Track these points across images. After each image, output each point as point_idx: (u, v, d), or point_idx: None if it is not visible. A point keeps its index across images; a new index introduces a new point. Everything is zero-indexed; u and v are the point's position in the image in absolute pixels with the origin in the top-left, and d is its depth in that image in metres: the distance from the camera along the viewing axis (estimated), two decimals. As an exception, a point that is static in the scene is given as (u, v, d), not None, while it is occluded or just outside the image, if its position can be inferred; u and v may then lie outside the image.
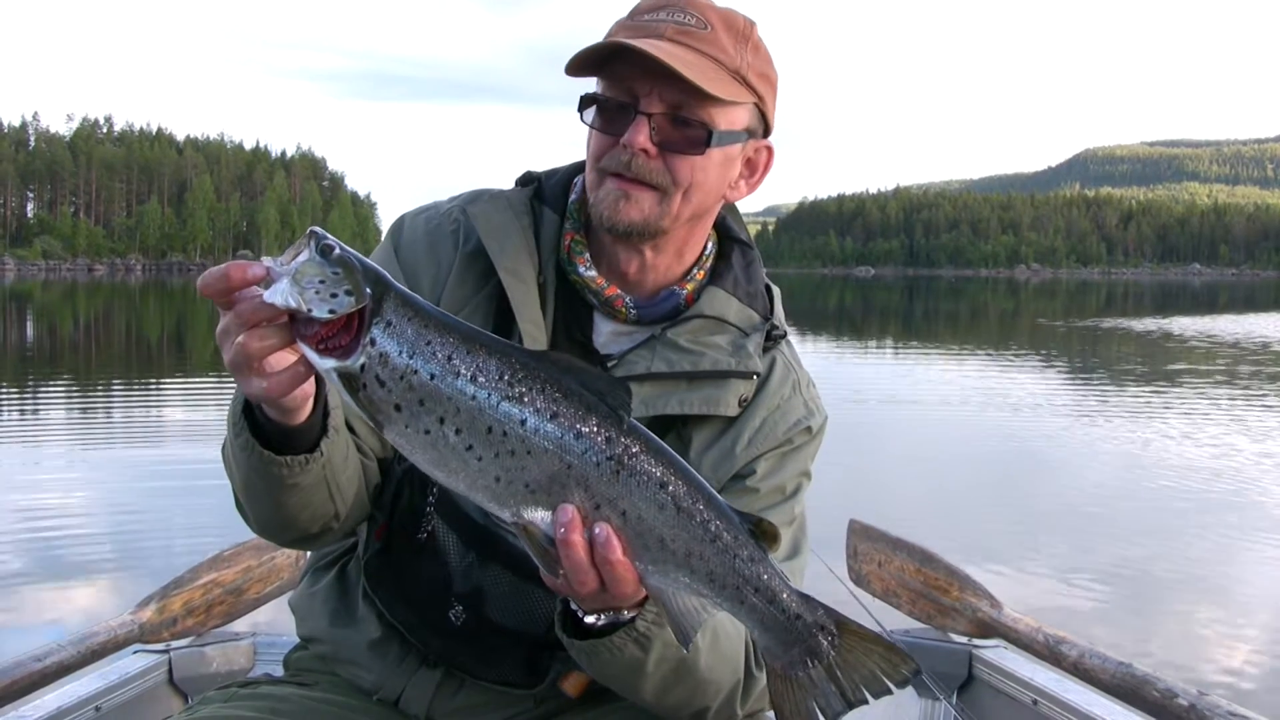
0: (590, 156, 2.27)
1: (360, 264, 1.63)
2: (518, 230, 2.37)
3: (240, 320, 1.63)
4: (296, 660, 2.62)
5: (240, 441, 1.93)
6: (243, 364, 1.67)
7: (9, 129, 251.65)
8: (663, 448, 1.70)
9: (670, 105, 2.17)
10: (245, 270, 1.62)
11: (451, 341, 1.64)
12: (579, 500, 1.67)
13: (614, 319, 2.39)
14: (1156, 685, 3.58)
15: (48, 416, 18.72)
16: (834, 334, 44.86)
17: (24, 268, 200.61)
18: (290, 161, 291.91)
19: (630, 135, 2.17)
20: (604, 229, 2.28)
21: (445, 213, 2.46)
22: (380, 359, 1.63)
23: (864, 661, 1.80)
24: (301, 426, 1.89)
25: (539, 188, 2.48)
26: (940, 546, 4.64)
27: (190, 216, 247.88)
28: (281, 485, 1.98)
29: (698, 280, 2.43)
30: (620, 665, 1.99)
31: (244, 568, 4.28)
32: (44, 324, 48.55)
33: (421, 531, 2.33)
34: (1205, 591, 9.38)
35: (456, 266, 2.38)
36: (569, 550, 1.67)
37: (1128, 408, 20.67)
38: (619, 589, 1.73)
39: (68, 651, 3.62)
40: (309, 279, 1.60)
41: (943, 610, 4.39)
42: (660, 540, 1.69)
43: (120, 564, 9.60)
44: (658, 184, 2.21)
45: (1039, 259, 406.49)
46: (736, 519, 1.72)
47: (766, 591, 1.74)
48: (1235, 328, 49.40)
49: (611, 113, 2.21)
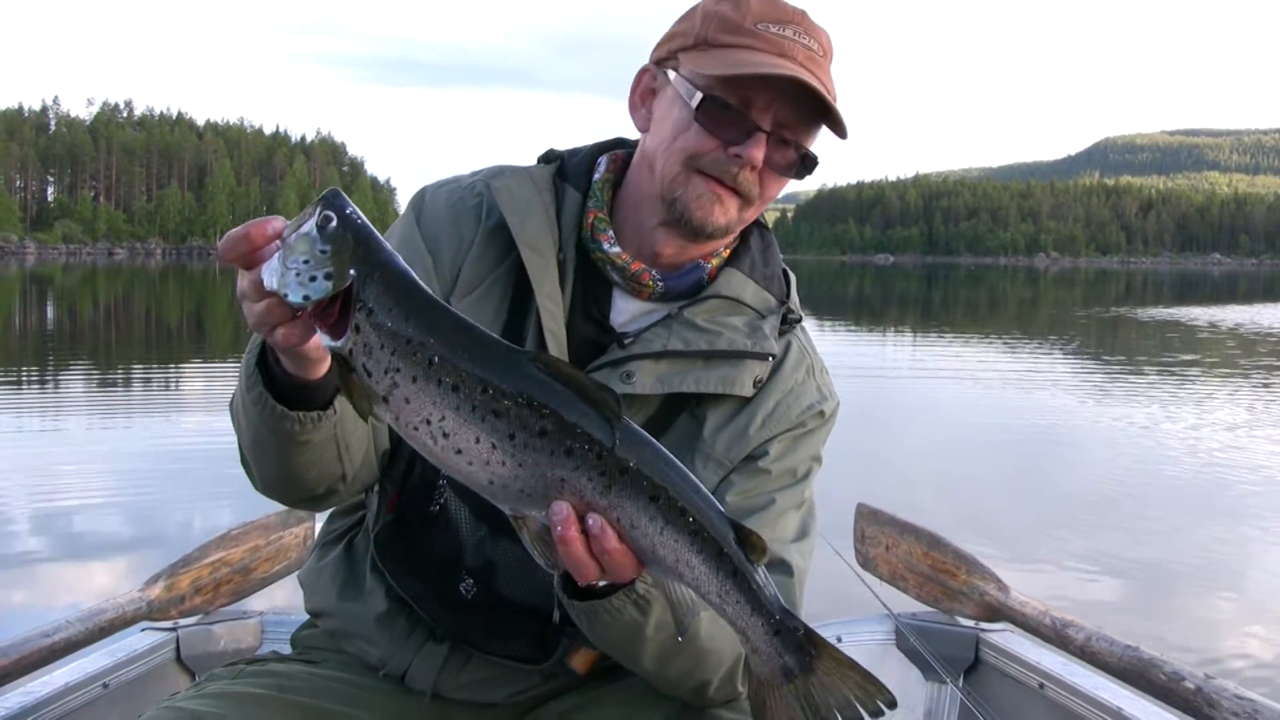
0: (684, 150, 2.21)
1: (355, 239, 1.59)
2: (540, 206, 2.36)
3: (254, 287, 1.63)
4: (304, 638, 2.62)
5: (254, 395, 1.93)
6: (263, 329, 1.68)
7: (29, 113, 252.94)
8: (654, 457, 1.67)
9: (783, 125, 2.18)
10: (266, 229, 1.61)
11: (433, 343, 1.59)
12: (575, 500, 1.65)
13: (637, 295, 2.38)
14: (1163, 668, 3.56)
15: (66, 397, 18.77)
16: (852, 320, 44.79)
17: (44, 251, 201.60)
18: (310, 146, 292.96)
19: (750, 151, 2.15)
20: (684, 225, 2.26)
21: (468, 186, 2.45)
22: (365, 348, 1.59)
23: (839, 686, 1.78)
24: (317, 382, 1.89)
25: (561, 165, 2.48)
26: (950, 531, 4.63)
27: (210, 201, 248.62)
28: (292, 441, 1.98)
29: (722, 257, 2.44)
30: (619, 628, 2.00)
31: (252, 546, 4.29)
32: (64, 307, 48.70)
33: (434, 504, 2.32)
34: (1216, 578, 9.33)
35: (478, 240, 2.37)
36: (567, 547, 1.66)
37: (1145, 396, 20.56)
38: (620, 575, 1.73)
39: (75, 628, 3.62)
40: (295, 257, 1.57)
41: (950, 594, 4.38)
42: (651, 548, 1.69)
43: (131, 542, 9.63)
44: (748, 195, 2.22)
45: (1058, 247, 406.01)
46: (728, 531, 1.70)
47: (749, 602, 1.73)
48: (1254, 317, 49.11)
49: (724, 116, 2.17)
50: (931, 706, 4.30)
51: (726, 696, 2.26)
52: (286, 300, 1.58)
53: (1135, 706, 3.52)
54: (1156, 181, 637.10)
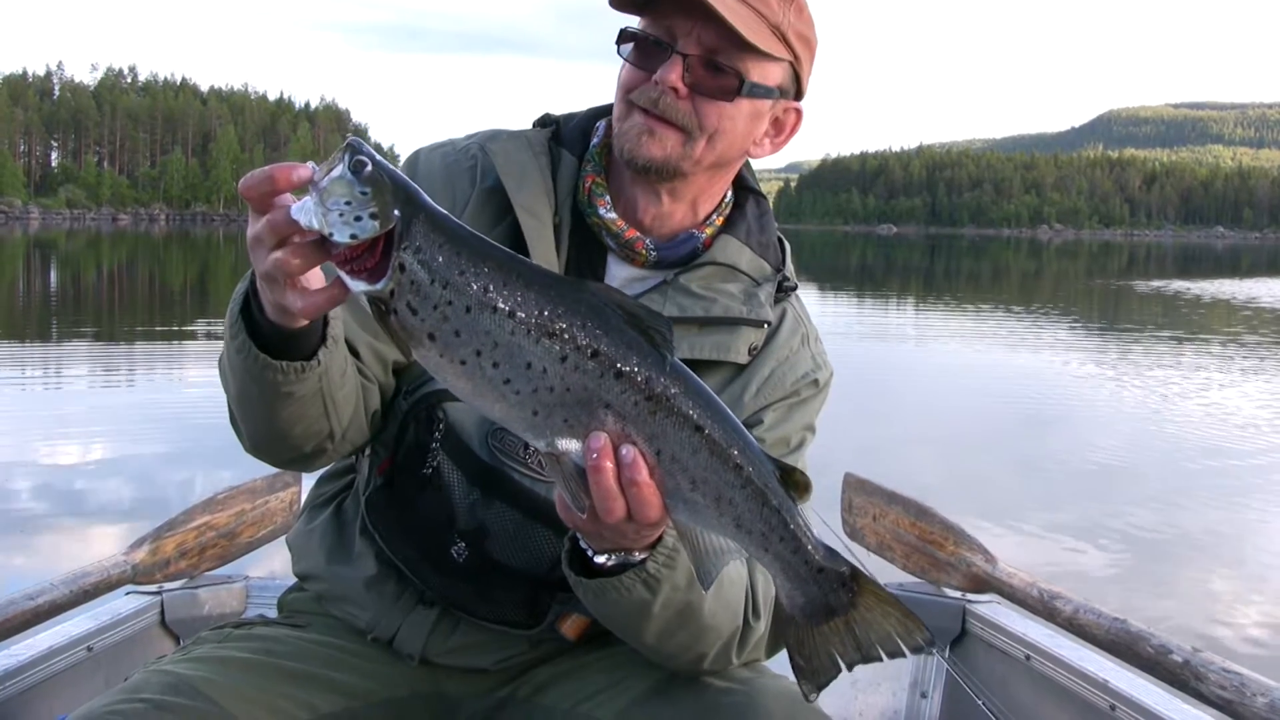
0: (621, 87, 2.27)
1: (393, 181, 1.57)
2: (536, 169, 2.36)
3: (273, 230, 1.60)
4: (291, 602, 2.61)
5: (237, 344, 1.91)
6: (276, 276, 1.65)
7: (34, 78, 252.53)
8: (702, 389, 1.68)
9: (707, 49, 2.17)
10: (291, 173, 1.59)
11: (487, 271, 1.58)
12: (614, 431, 1.65)
13: (631, 262, 2.38)
14: (1151, 641, 3.56)
15: (68, 361, 18.86)
16: (854, 290, 44.79)
17: (48, 216, 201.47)
18: (314, 113, 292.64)
19: (663, 73, 2.17)
20: (624, 161, 2.28)
21: (463, 149, 2.45)
22: (411, 286, 1.57)
23: (880, 622, 1.80)
24: (300, 332, 1.87)
25: (557, 130, 2.48)
26: (943, 499, 4.62)
27: (214, 167, 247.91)
28: (277, 393, 1.96)
29: (716, 226, 2.43)
30: (626, 606, 1.99)
31: (238, 511, 4.27)
32: (68, 272, 48.74)
33: (426, 467, 2.31)
34: (1207, 552, 9.38)
35: (473, 202, 2.36)
36: (599, 476, 1.65)
37: (1143, 369, 20.61)
38: (645, 513, 1.71)
39: (60, 591, 3.61)
40: (335, 199, 1.55)
41: (937, 565, 4.37)
42: (692, 481, 1.68)
43: (121, 505, 9.72)
44: (683, 125, 2.21)
45: (1061, 219, 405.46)
46: (770, 466, 1.71)
47: (792, 541, 1.73)
48: (1258, 290, 49.06)
49: (648, 48, 2.22)
50: (917, 677, 4.30)
51: (720, 668, 2.25)
52: (332, 239, 1.55)
53: (1122, 679, 3.51)
54: (1160, 154, 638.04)
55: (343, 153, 1.58)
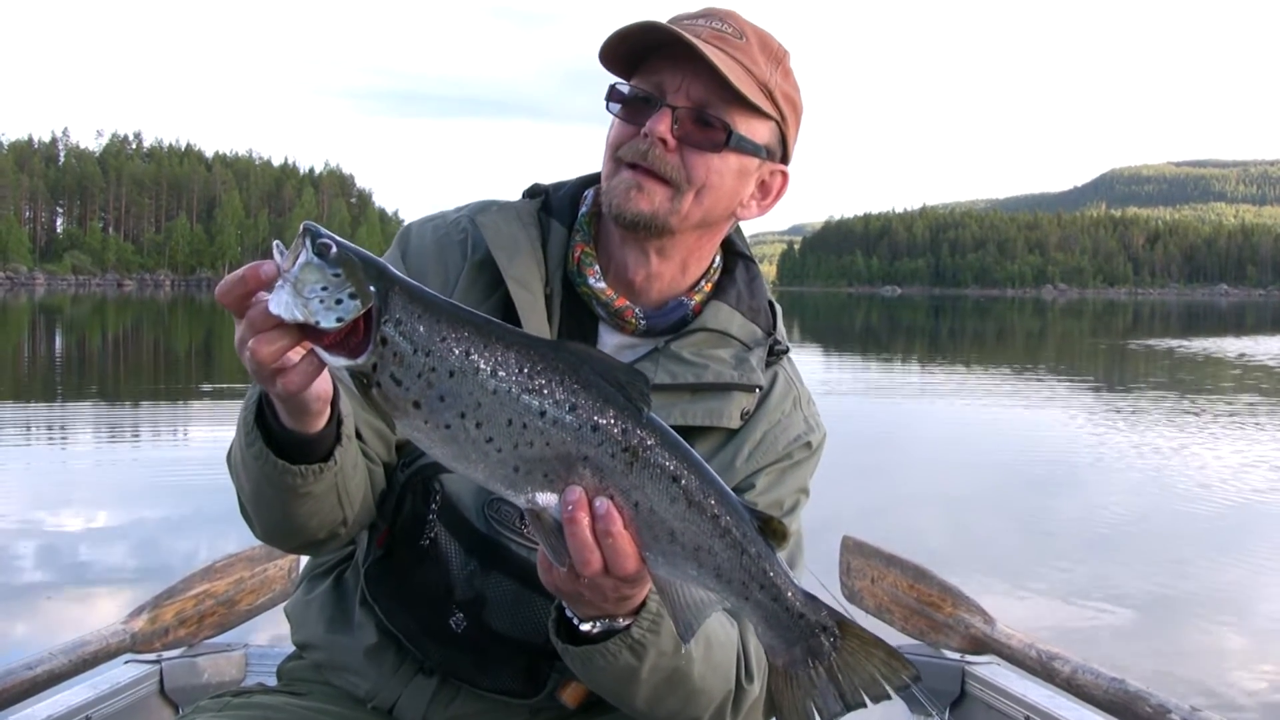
0: (609, 145, 2.30)
1: (361, 261, 1.60)
2: (526, 241, 2.38)
3: (253, 329, 1.62)
4: (290, 670, 2.61)
5: (254, 451, 1.93)
6: (260, 371, 1.67)
7: (39, 144, 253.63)
8: (678, 442, 1.70)
9: (695, 102, 2.21)
10: (259, 271, 1.60)
11: (467, 335, 1.62)
12: (590, 485, 1.67)
13: (621, 330, 2.40)
14: (1149, 701, 3.56)
15: (72, 427, 18.80)
16: (858, 350, 44.76)
17: (53, 282, 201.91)
18: (319, 178, 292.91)
19: (652, 124, 2.20)
20: (612, 217, 2.30)
21: (453, 222, 2.47)
22: (395, 357, 1.60)
23: (864, 664, 1.81)
24: (316, 435, 1.90)
25: (546, 200, 2.50)
26: (941, 560, 4.63)
27: (219, 232, 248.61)
28: (294, 494, 1.98)
29: (705, 292, 2.45)
30: (614, 672, 1.99)
31: (236, 579, 4.28)
32: (73, 338, 48.78)
33: (424, 538, 2.31)
34: (1206, 610, 9.32)
35: (464, 276, 2.38)
36: (574, 528, 1.67)
37: (1144, 427, 20.54)
38: (621, 564, 1.72)
39: (59, 660, 3.62)
40: (310, 286, 1.57)
41: (936, 626, 4.37)
42: (670, 532, 1.70)
43: (122, 572, 9.70)
44: (671, 178, 2.23)
45: (1065, 279, 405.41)
46: (747, 515, 1.72)
47: (772, 588, 1.75)
48: (1257, 349, 48.99)
49: (637, 104, 2.25)
50: None
51: None
52: (318, 325, 1.57)
53: None
54: (1163, 212, 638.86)
55: (303, 238, 1.60)
